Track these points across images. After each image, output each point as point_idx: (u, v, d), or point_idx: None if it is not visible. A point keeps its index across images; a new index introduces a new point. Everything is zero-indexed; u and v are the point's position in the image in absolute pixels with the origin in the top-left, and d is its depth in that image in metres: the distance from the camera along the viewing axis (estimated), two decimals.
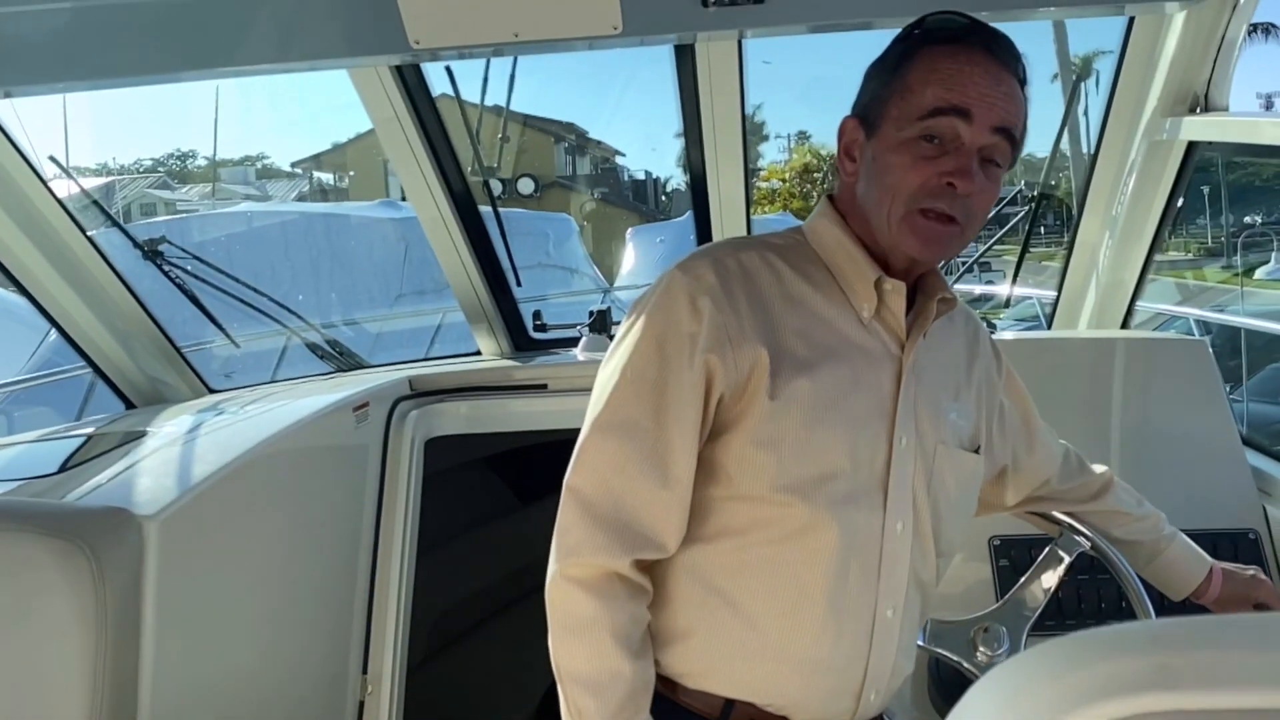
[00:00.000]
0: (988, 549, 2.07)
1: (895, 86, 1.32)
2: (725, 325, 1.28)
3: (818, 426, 1.29)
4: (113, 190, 8.52)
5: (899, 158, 1.30)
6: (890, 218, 1.31)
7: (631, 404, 1.29)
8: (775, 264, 1.36)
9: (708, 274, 1.31)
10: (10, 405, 4.63)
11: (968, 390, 1.48)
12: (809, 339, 1.32)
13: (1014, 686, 0.61)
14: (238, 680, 1.88)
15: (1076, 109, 3.71)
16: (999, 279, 7.46)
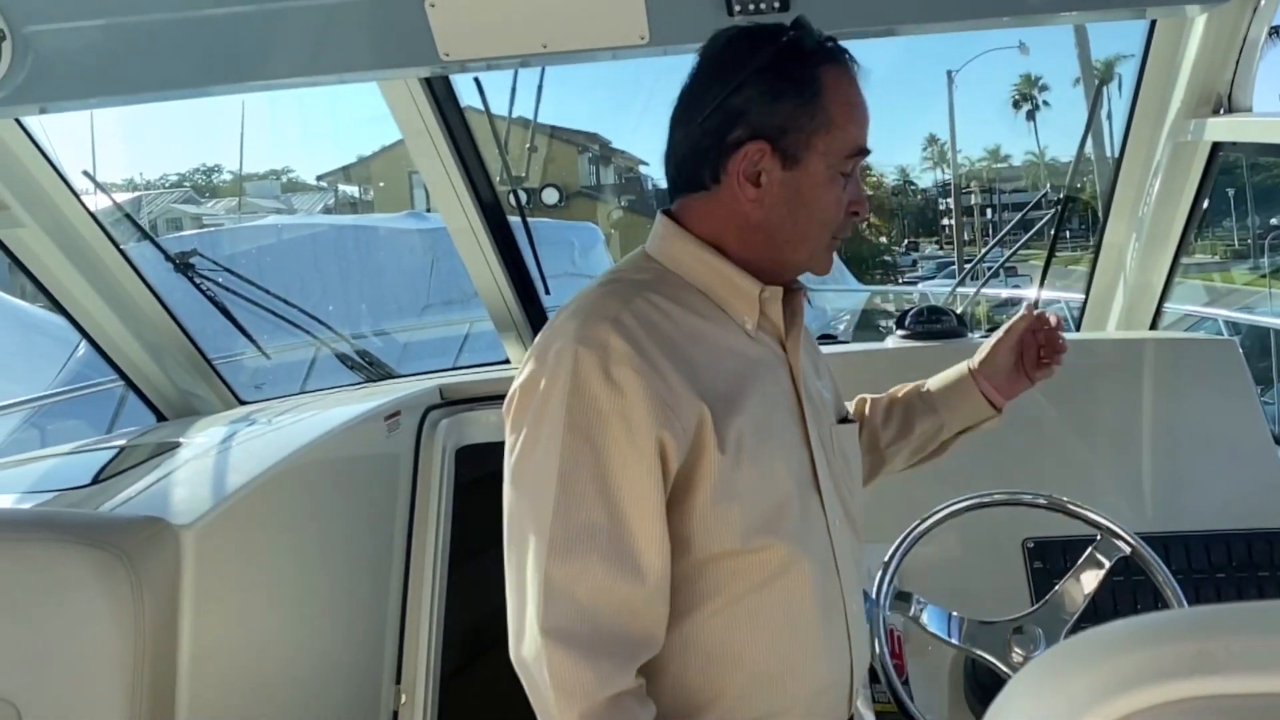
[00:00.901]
0: (1021, 551, 2.06)
1: (820, 120, 1.27)
2: (658, 392, 1.18)
3: (762, 460, 1.26)
4: (139, 205, 8.62)
5: (829, 194, 1.30)
6: (815, 250, 1.34)
7: (577, 511, 1.17)
8: (662, 305, 1.27)
9: (611, 338, 1.19)
10: (42, 419, 4.69)
11: (820, 362, 1.53)
12: (724, 373, 1.27)
13: (1057, 672, 0.61)
14: (273, 688, 1.90)
15: (1100, 113, 3.70)
16: (1024, 284, 7.42)
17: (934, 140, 45.26)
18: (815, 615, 1.30)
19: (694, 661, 1.27)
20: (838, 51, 1.31)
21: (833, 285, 12.46)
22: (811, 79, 1.27)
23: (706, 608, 1.26)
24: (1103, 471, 2.19)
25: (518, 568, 1.21)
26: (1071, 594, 1.71)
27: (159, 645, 1.51)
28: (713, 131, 1.29)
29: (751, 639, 1.28)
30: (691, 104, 1.32)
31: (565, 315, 1.26)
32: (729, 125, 1.28)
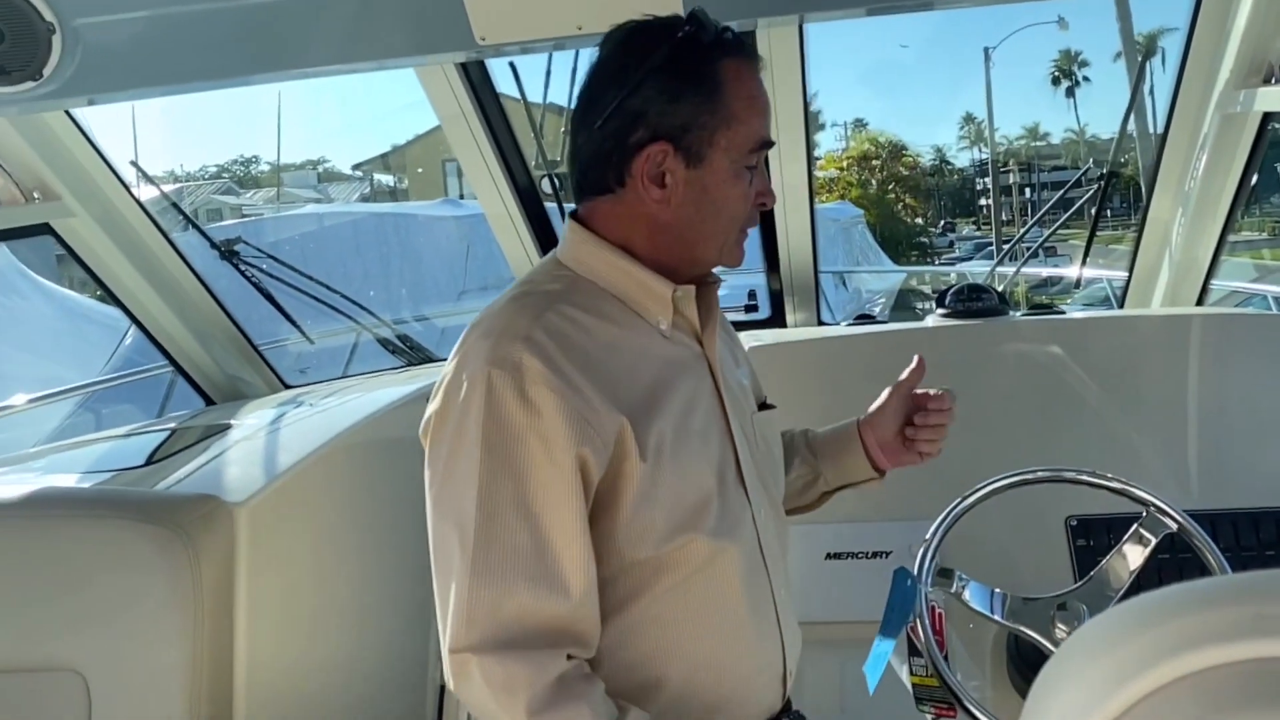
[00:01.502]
0: (1064, 529, 2.06)
1: (722, 116, 1.25)
2: (575, 408, 1.17)
3: (682, 460, 1.26)
4: (181, 196, 8.74)
5: (736, 189, 1.29)
6: (725, 245, 1.33)
7: (499, 534, 1.15)
8: (575, 316, 1.25)
9: (524, 358, 1.17)
10: (95, 404, 4.80)
11: (739, 350, 1.53)
12: (641, 380, 1.26)
13: (1112, 636, 0.62)
14: (326, 658, 1.94)
15: (1143, 87, 3.65)
16: (1064, 263, 7.34)
17: (971, 119, 44.77)
18: (742, 603, 1.31)
19: (631, 657, 1.28)
20: (737, 43, 1.28)
21: (868, 267, 12.41)
22: (711, 74, 1.25)
23: (635, 606, 1.27)
24: (1148, 448, 2.18)
25: (443, 594, 1.19)
26: (1116, 570, 1.70)
27: (216, 618, 1.56)
28: (614, 134, 1.26)
29: (682, 632, 1.28)
30: (590, 106, 1.28)
31: (476, 335, 1.24)
32: (630, 127, 1.25)
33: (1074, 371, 2.27)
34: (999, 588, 1.68)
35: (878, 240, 17.74)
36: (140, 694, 1.48)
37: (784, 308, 3.06)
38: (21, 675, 1.50)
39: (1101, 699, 0.59)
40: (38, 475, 2.14)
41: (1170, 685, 0.57)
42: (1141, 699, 0.58)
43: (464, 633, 1.15)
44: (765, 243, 2.93)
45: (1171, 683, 0.57)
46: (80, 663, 1.48)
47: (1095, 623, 0.66)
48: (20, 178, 2.45)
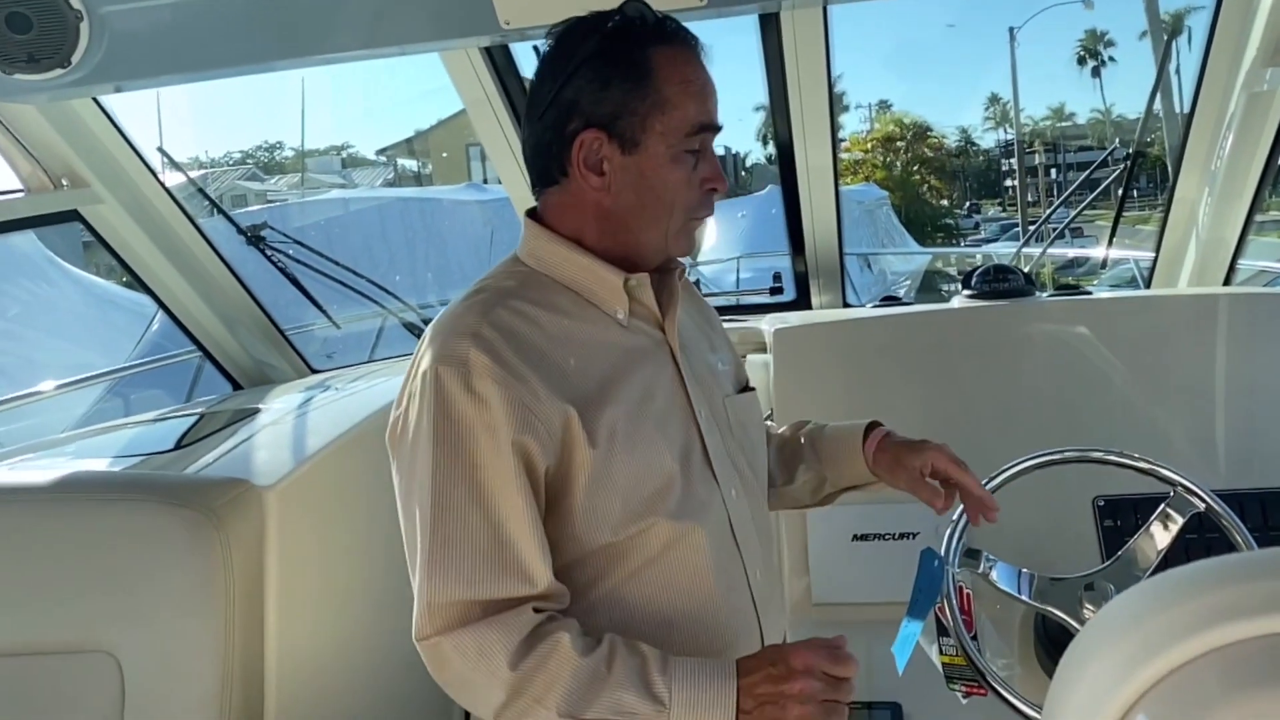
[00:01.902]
0: (1091, 509, 2.05)
1: (651, 99, 1.27)
2: (519, 398, 1.20)
3: (639, 446, 1.27)
4: (205, 182, 8.80)
5: (674, 174, 1.30)
6: (669, 231, 1.33)
7: (456, 528, 1.18)
8: (527, 311, 1.28)
9: (470, 353, 1.21)
10: (124, 389, 4.85)
11: (715, 335, 1.54)
12: (595, 370, 1.28)
13: (1139, 611, 0.62)
14: (354, 639, 1.96)
15: (1169, 66, 3.61)
16: (1090, 244, 7.28)
17: (996, 99, 44.38)
18: (712, 584, 1.32)
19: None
20: (670, 31, 1.30)
21: (893, 249, 12.34)
22: (641, 60, 1.27)
23: (599, 589, 1.29)
24: (1175, 428, 2.16)
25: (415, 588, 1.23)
26: (1144, 550, 1.69)
27: (247, 599, 1.58)
28: (552, 125, 1.29)
29: (648, 613, 1.30)
30: (533, 100, 1.32)
31: (429, 337, 1.27)
32: (565, 117, 1.28)
33: (1101, 352, 2.25)
34: (1026, 568, 1.68)
35: (903, 222, 17.63)
36: (173, 674, 1.50)
37: (809, 290, 3.06)
38: (56, 657, 1.52)
39: (1128, 673, 0.59)
40: (69, 459, 2.17)
41: (1196, 660, 0.57)
42: (1168, 673, 0.58)
43: (427, 622, 1.19)
44: (790, 225, 2.93)
45: (1197, 657, 0.57)
46: (113, 644, 1.51)
47: (1122, 599, 0.67)
48: (49, 165, 2.47)
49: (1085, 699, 0.62)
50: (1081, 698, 0.63)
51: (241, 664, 1.55)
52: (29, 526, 1.58)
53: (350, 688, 1.92)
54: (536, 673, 1.17)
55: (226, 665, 1.51)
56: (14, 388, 4.21)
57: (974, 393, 2.22)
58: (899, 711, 1.79)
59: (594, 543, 1.26)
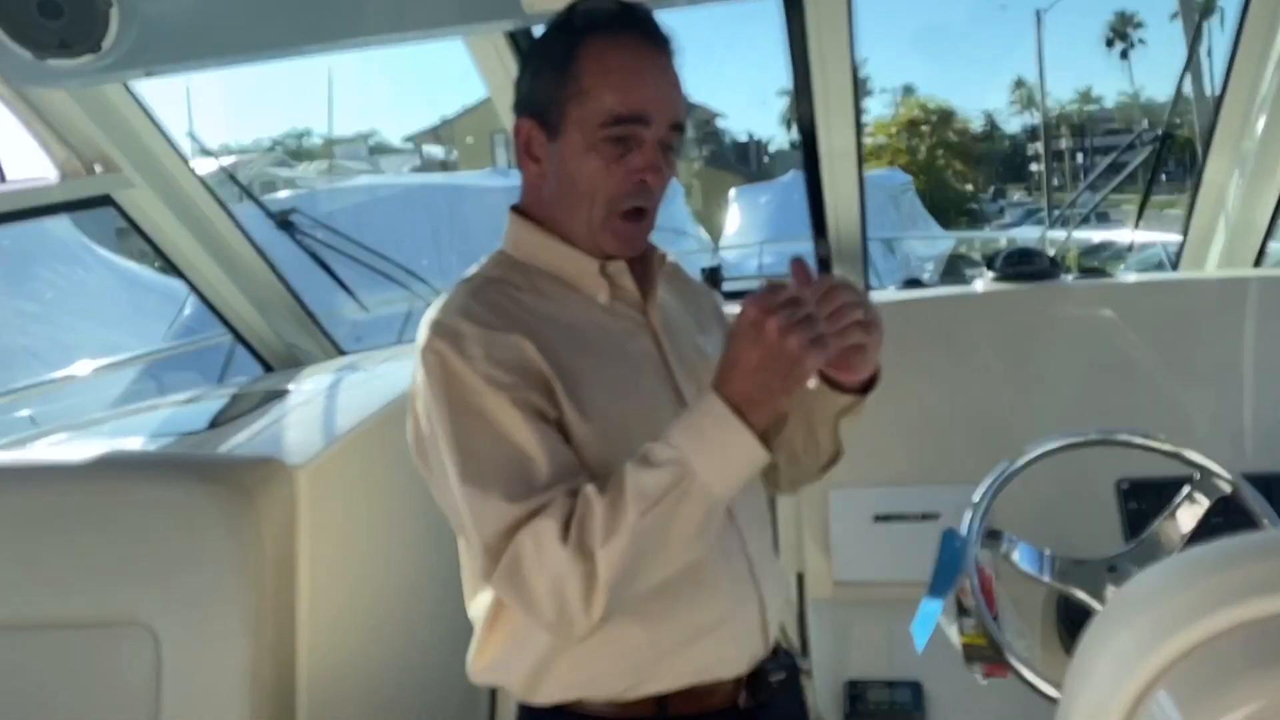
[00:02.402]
0: (1115, 492, 2.05)
1: (570, 88, 1.30)
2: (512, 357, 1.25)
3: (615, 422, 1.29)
4: (234, 169, 8.87)
5: (591, 162, 1.31)
6: (592, 220, 1.34)
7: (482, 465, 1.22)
8: (511, 294, 1.34)
9: (462, 325, 1.26)
10: (158, 371, 4.92)
11: (705, 317, 1.54)
12: (576, 347, 1.32)
13: (1162, 587, 0.63)
14: (384, 615, 1.99)
15: (1199, 48, 3.57)
16: (1116, 228, 7.21)
17: (1022, 83, 43.93)
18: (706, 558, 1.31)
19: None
20: (609, 21, 1.31)
21: (916, 233, 12.27)
22: (567, 50, 1.31)
23: None
24: (1201, 411, 2.16)
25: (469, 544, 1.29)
26: (1168, 533, 1.69)
27: (279, 575, 1.61)
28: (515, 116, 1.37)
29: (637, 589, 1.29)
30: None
31: (422, 325, 1.32)
32: (516, 109, 1.37)
33: (1126, 334, 2.24)
34: (1048, 549, 1.69)
35: (926, 207, 17.52)
36: (207, 647, 1.53)
37: (831, 274, 3.05)
38: (93, 630, 1.56)
39: (1151, 648, 0.60)
40: (106, 438, 2.21)
41: (1220, 635, 0.58)
42: (1191, 648, 0.58)
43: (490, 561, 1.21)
44: (813, 209, 2.92)
45: (1221, 633, 0.58)
46: (149, 618, 1.54)
47: (1146, 575, 0.67)
48: (82, 150, 2.51)
49: (1107, 674, 0.63)
50: (1103, 672, 0.63)
51: (273, 638, 1.58)
52: (67, 503, 1.62)
53: (380, 662, 1.96)
54: (581, 530, 1.17)
55: (259, 639, 1.55)
56: (50, 369, 4.29)
57: (998, 375, 2.22)
58: (919, 690, 1.80)
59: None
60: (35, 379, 4.02)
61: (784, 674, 1.45)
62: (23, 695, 1.55)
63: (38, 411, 3.87)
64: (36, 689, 1.55)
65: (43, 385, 3.86)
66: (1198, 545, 0.76)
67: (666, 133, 1.32)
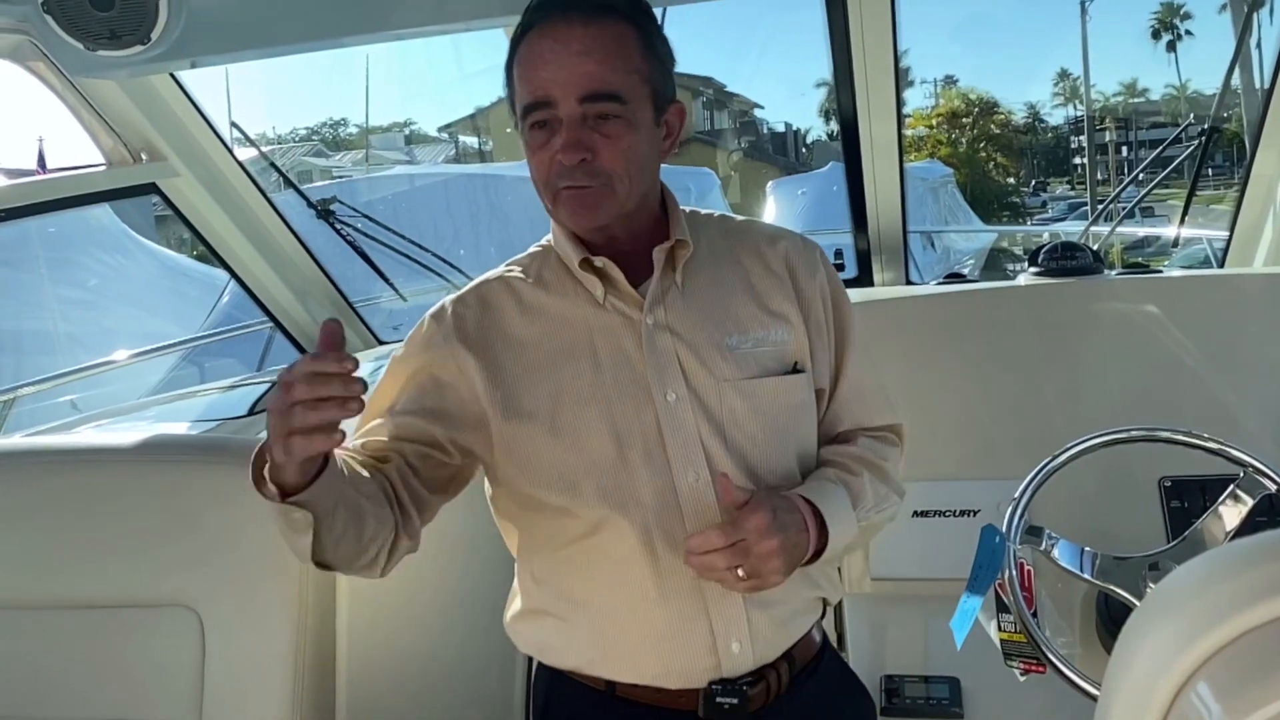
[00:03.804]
0: (1158, 489, 2.02)
1: (511, 85, 1.37)
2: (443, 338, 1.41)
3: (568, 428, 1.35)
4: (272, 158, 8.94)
5: (531, 155, 1.36)
6: (550, 205, 1.38)
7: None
8: (514, 284, 1.45)
9: (448, 304, 1.45)
10: (199, 357, 4.98)
11: (763, 313, 1.44)
12: (547, 344, 1.39)
13: (1204, 579, 0.63)
14: (423, 599, 2.01)
15: (1249, 40, 3.51)
16: (1162, 223, 7.11)
17: (1066, 75, 43.36)
18: (641, 564, 1.34)
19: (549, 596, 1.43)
20: (536, 10, 1.33)
21: (956, 227, 12.16)
22: (512, 52, 1.35)
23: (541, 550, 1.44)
24: (1246, 409, 2.12)
25: None
26: (1212, 531, 1.67)
27: None
28: None
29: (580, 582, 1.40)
30: None
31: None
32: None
33: (1170, 331, 2.21)
34: (1089, 547, 1.67)
35: (967, 200, 17.36)
36: (250, 628, 1.56)
37: (871, 267, 3.04)
38: (140, 610, 1.59)
39: (1192, 639, 0.60)
40: (150, 423, 2.25)
41: (1261, 627, 0.58)
42: (1232, 640, 0.58)
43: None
44: (853, 201, 2.91)
45: (1262, 624, 0.58)
46: (193, 598, 1.57)
47: (1187, 567, 0.67)
48: (129, 139, 2.55)
49: (1148, 664, 0.63)
50: (1144, 663, 0.63)
51: (314, 619, 1.60)
52: (115, 485, 1.64)
53: (418, 642, 1.98)
54: None
55: (300, 619, 1.57)
56: (93, 355, 4.35)
57: (1040, 370, 2.20)
58: (957, 686, 1.79)
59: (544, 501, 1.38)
60: (78, 365, 4.08)
61: (735, 700, 1.37)
62: (69, 673, 1.59)
63: (80, 397, 3.93)
64: (83, 667, 1.58)
65: (85, 371, 3.92)
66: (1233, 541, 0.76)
67: (577, 107, 1.29)
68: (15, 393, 3.74)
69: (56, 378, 3.88)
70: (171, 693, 1.55)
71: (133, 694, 1.57)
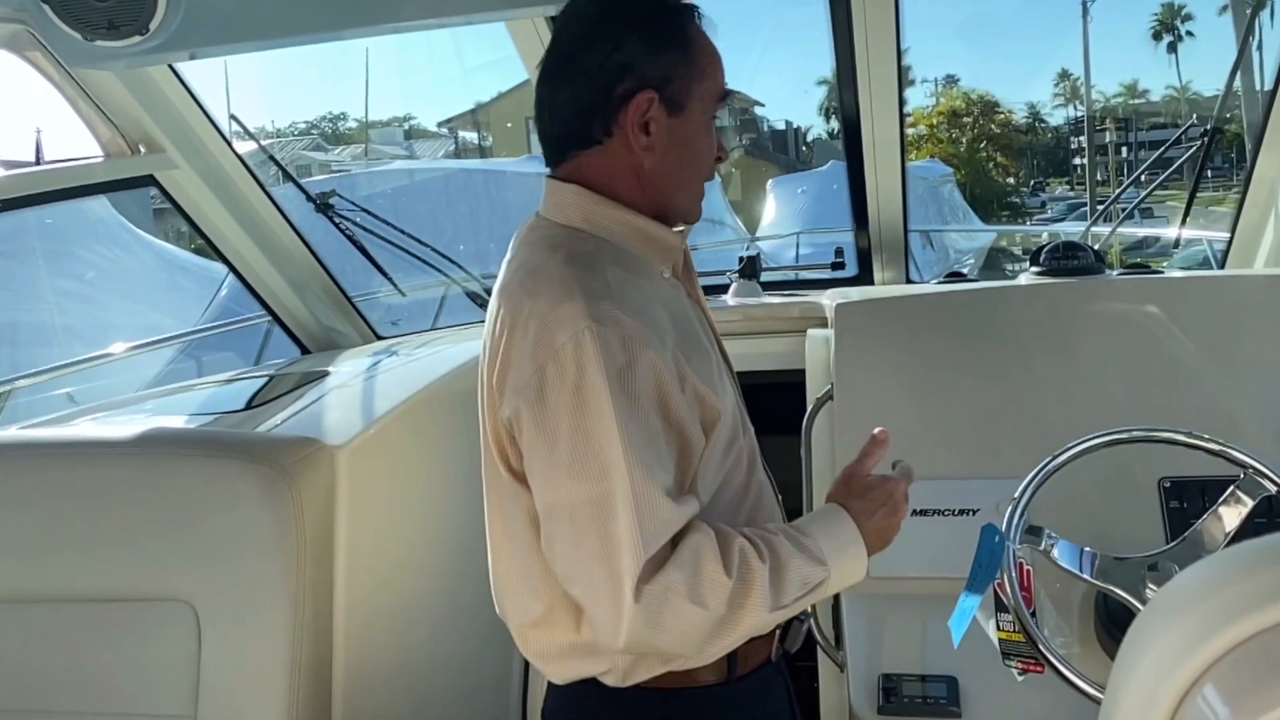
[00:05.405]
0: (1157, 490, 2.02)
1: (693, 68, 1.35)
2: (669, 364, 1.26)
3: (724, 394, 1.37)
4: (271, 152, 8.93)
5: (708, 140, 1.39)
6: (695, 194, 1.42)
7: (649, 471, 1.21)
8: (621, 275, 1.31)
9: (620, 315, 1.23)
10: (196, 351, 4.97)
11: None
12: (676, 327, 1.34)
13: (1209, 583, 0.62)
14: (419, 595, 2.01)
15: (1251, 43, 3.51)
16: (1161, 224, 7.11)
17: (1066, 75, 43.36)
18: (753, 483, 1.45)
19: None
20: (695, 7, 1.40)
21: (956, 226, 12.16)
22: (683, 29, 1.36)
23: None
24: (1247, 410, 2.12)
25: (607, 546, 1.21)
26: (1211, 532, 1.66)
27: (317, 554, 1.62)
28: (601, 87, 1.33)
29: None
30: (571, 62, 1.35)
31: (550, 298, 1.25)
32: (616, 79, 1.32)
33: (1171, 332, 2.21)
34: (1089, 547, 1.67)
35: (967, 199, 17.36)
36: (247, 622, 1.55)
37: (871, 265, 3.03)
38: (136, 604, 1.58)
39: (1199, 642, 0.59)
40: (146, 416, 2.24)
41: (1268, 630, 0.57)
42: (1239, 643, 0.58)
43: (639, 573, 1.19)
44: (854, 199, 2.90)
45: (1267, 628, 0.57)
46: (190, 593, 1.56)
47: (1193, 570, 0.67)
48: (127, 131, 2.54)
49: (1153, 667, 0.62)
50: (1150, 666, 0.63)
51: (311, 614, 1.59)
52: (111, 479, 1.64)
53: (415, 641, 1.97)
54: (744, 576, 1.23)
55: (297, 615, 1.56)
56: (90, 348, 4.34)
57: (1040, 370, 2.19)
58: (954, 685, 1.78)
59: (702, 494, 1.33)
60: (75, 357, 4.07)
61: (806, 623, 1.54)
62: (65, 666, 1.58)
63: (77, 390, 3.92)
64: (79, 661, 1.58)
65: (82, 363, 3.92)
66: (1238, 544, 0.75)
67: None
68: (12, 385, 3.73)
69: (53, 370, 3.87)
70: (168, 687, 1.55)
71: (129, 688, 1.56)
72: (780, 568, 1.25)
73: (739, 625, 1.24)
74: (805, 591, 1.28)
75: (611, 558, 1.20)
